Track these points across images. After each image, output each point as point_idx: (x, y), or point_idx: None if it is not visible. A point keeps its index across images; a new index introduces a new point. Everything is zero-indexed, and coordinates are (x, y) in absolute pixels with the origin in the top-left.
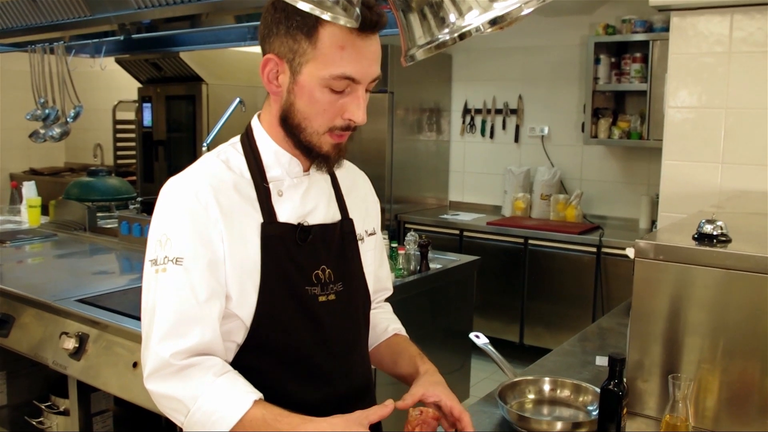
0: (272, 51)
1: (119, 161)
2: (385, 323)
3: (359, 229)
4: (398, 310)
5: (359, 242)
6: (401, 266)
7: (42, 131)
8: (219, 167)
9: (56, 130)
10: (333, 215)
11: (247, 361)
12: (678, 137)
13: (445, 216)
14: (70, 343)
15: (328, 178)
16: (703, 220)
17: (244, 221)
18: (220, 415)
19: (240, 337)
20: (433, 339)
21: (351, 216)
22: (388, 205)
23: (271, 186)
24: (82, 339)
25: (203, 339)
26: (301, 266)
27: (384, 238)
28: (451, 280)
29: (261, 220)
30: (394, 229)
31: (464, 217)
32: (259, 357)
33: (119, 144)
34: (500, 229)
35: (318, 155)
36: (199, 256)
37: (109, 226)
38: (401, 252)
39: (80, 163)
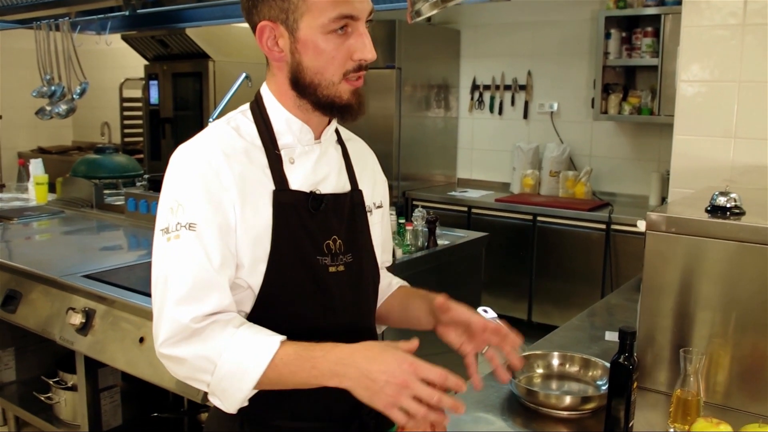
0: (263, 18)
1: (126, 139)
2: (387, 279)
3: (368, 201)
4: None
5: (368, 214)
6: (409, 242)
7: (48, 108)
8: (230, 134)
9: (62, 107)
10: (343, 185)
11: None
12: (690, 111)
13: (453, 193)
14: (77, 319)
15: (339, 147)
16: (717, 192)
17: (256, 188)
18: (251, 362)
19: (248, 306)
20: None
21: (360, 187)
22: (395, 182)
23: (282, 153)
24: (89, 314)
25: (221, 305)
26: (313, 235)
27: (391, 214)
28: (459, 256)
29: (273, 187)
30: (401, 205)
31: (472, 194)
32: (266, 326)
33: (126, 122)
34: (509, 206)
35: (340, 106)
36: (212, 222)
37: (115, 203)
38: (409, 228)
39: (88, 141)
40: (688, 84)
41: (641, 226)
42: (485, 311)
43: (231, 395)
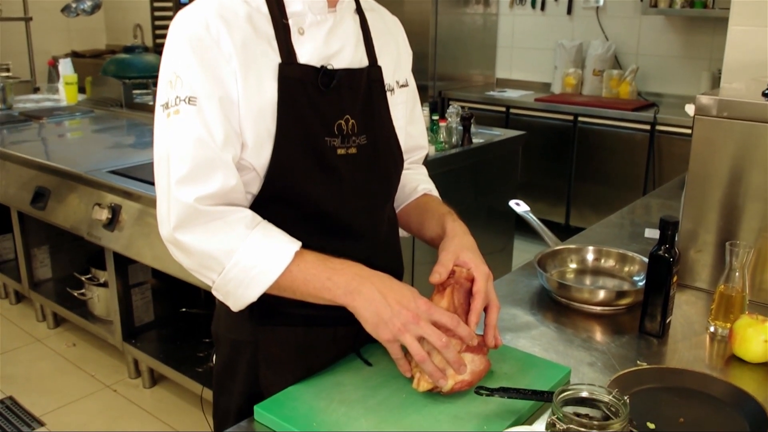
0: None
1: (158, 41)
2: (415, 183)
3: (389, 79)
4: (438, 185)
5: (389, 93)
6: (442, 139)
7: (74, 5)
8: None
9: (87, 3)
10: (360, 60)
11: (265, 212)
12: None
13: (491, 93)
14: (103, 214)
15: (357, 18)
16: None
17: (260, 61)
18: (262, 269)
19: (255, 188)
20: (475, 217)
21: (380, 63)
22: (431, 82)
23: (290, 23)
24: (115, 210)
25: (226, 184)
26: (323, 114)
27: (424, 110)
28: (494, 155)
29: (279, 60)
30: (436, 103)
31: (511, 94)
32: (276, 209)
33: (157, 23)
34: (549, 105)
35: None
36: (213, 95)
37: (145, 102)
38: (442, 124)
39: (121, 44)
40: None
41: (689, 110)
42: (517, 204)
43: (236, 298)
